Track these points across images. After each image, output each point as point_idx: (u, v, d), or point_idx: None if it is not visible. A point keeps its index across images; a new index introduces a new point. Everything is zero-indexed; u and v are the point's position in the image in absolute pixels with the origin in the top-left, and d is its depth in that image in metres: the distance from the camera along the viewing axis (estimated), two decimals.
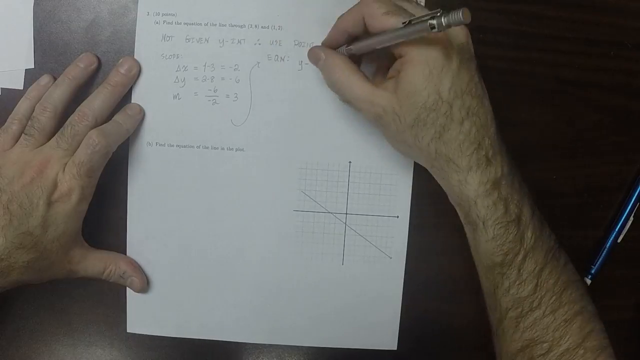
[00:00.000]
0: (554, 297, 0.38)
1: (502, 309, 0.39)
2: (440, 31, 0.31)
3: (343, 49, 0.40)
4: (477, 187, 0.37)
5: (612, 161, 0.48)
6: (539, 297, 0.38)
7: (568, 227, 0.48)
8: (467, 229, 0.40)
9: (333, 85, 0.40)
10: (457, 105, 0.36)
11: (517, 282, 0.38)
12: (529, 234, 0.38)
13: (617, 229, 0.48)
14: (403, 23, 0.34)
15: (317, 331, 0.47)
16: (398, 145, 0.40)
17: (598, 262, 0.48)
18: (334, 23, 0.42)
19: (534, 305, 0.38)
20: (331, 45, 0.42)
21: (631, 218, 0.48)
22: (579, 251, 0.48)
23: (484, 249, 0.38)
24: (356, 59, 0.41)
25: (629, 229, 0.48)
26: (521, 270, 0.38)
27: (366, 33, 0.38)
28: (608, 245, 0.48)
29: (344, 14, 0.40)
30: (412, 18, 0.34)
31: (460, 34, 0.36)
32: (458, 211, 0.40)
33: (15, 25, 0.45)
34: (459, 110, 0.36)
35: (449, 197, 0.40)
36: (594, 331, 0.37)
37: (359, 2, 0.39)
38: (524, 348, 0.38)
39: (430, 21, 0.31)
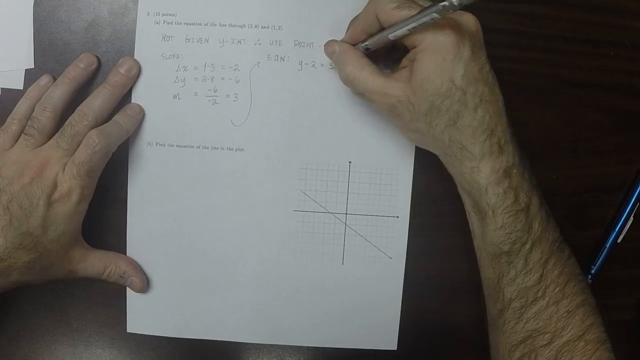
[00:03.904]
0: (557, 288, 0.38)
1: (505, 299, 0.39)
2: (454, 10, 0.31)
3: (360, 46, 0.40)
4: (489, 175, 0.37)
5: (612, 161, 0.48)
6: (544, 287, 0.38)
7: (568, 227, 0.48)
8: (473, 218, 0.40)
9: (346, 77, 0.40)
10: (471, 92, 0.36)
11: (524, 272, 0.38)
12: (536, 224, 0.38)
13: (617, 229, 0.48)
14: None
15: (317, 331, 0.47)
16: (410, 134, 0.40)
17: (598, 262, 0.48)
18: (333, 23, 0.42)
19: (539, 295, 0.38)
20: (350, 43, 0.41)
21: (631, 218, 0.48)
22: (579, 251, 0.47)
23: (492, 237, 0.39)
24: (374, 58, 0.41)
25: (629, 229, 0.48)
26: (528, 260, 0.38)
27: (382, 30, 0.38)
28: (608, 245, 0.48)
29: (358, 14, 0.40)
30: (423, 7, 0.34)
31: (470, 23, 0.37)
32: (466, 200, 0.40)
33: (15, 25, 0.45)
34: (473, 97, 0.36)
35: (459, 186, 0.40)
36: (595, 324, 0.38)
37: (370, 0, 0.39)
38: (525, 339, 0.38)
39: (442, 3, 0.31)
